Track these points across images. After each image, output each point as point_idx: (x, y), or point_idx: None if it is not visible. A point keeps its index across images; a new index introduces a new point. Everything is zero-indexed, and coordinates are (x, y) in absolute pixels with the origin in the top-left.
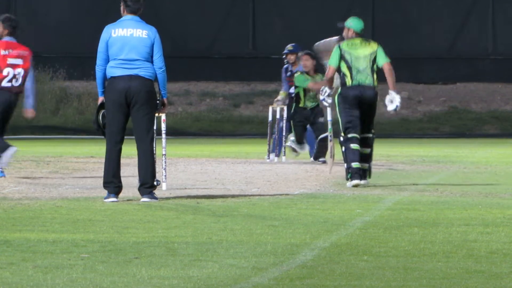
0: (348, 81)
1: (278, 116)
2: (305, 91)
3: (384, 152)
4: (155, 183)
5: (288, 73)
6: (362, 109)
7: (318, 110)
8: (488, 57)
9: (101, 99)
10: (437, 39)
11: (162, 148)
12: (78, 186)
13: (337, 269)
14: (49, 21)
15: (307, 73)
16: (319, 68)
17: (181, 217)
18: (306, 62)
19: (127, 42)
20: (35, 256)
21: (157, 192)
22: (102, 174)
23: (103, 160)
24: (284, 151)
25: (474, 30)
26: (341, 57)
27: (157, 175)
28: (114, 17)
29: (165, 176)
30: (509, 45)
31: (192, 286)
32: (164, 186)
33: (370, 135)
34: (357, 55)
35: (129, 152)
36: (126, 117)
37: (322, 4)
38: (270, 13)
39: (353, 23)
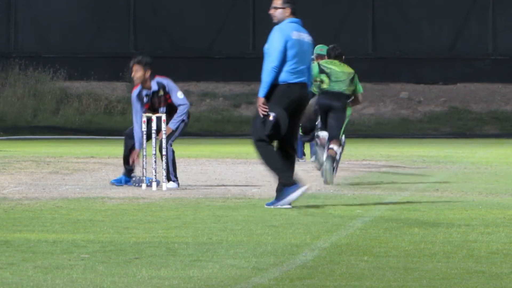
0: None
1: None
2: None
3: (384, 152)
4: (155, 183)
5: None
6: None
7: None
8: (488, 57)
9: (262, 100)
10: (437, 39)
11: (163, 148)
12: (78, 187)
13: (337, 269)
14: (50, 21)
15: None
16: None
17: (181, 217)
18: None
19: (303, 47)
20: (35, 256)
21: (157, 193)
22: (102, 174)
23: (103, 160)
24: None
25: (474, 30)
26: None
27: (157, 175)
28: (115, 17)
29: (166, 176)
30: (509, 45)
31: (192, 286)
32: (164, 186)
33: None
34: None
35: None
36: None
37: (323, 4)
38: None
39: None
